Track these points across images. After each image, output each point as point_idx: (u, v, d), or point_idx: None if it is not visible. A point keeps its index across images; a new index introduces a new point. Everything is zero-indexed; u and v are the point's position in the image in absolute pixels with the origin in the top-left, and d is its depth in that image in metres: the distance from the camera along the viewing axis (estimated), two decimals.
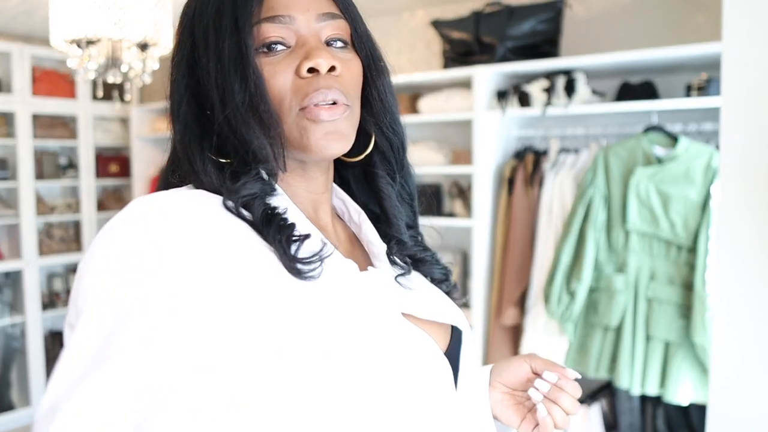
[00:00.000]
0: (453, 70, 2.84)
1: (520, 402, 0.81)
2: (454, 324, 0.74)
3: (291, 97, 0.65)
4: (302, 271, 0.60)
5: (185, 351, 0.52)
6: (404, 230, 0.79)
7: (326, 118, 0.65)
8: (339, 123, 0.66)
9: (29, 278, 4.00)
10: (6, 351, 4.08)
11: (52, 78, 4.11)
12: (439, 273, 0.81)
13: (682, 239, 2.24)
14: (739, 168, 1.61)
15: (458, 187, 3.15)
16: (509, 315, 2.64)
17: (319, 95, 0.64)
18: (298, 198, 0.71)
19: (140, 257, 0.55)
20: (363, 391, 0.58)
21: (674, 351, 2.24)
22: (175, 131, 0.69)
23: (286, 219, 0.63)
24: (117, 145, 4.53)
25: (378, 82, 0.73)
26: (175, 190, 0.65)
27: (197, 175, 0.66)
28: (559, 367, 0.78)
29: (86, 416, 0.49)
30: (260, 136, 0.63)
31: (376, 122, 0.74)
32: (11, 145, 3.93)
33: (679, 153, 2.25)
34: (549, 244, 2.55)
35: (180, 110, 0.68)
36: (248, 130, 0.63)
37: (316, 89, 0.64)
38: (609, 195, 2.38)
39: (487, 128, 2.74)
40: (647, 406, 2.58)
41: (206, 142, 0.66)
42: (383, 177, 0.78)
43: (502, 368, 0.82)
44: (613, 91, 2.66)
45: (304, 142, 0.65)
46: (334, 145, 0.66)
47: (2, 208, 3.99)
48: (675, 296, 2.25)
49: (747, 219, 1.60)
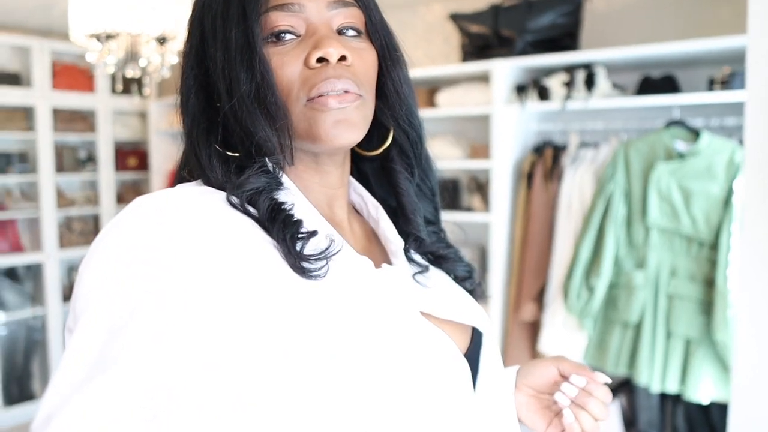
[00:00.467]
0: (471, 63, 2.82)
1: (546, 406, 0.78)
2: (474, 325, 0.71)
3: (299, 88, 0.62)
4: (307, 269, 0.58)
5: (197, 349, 0.49)
6: (422, 227, 0.76)
7: (335, 106, 0.62)
8: (349, 111, 0.63)
9: (50, 271, 4.04)
10: (27, 342, 4.14)
11: (71, 72, 4.14)
12: (462, 270, 0.79)
13: (704, 235, 2.21)
14: (763, 163, 1.58)
15: (476, 182, 3.13)
16: (527, 310, 2.63)
17: (328, 85, 0.62)
18: (312, 193, 0.68)
19: (145, 252, 0.53)
20: (373, 391, 0.55)
21: (695, 348, 2.22)
22: (184, 124, 0.67)
23: (291, 215, 0.61)
24: (135, 139, 4.56)
25: (393, 72, 0.70)
26: (179, 187, 0.63)
27: (203, 170, 0.64)
28: (587, 371, 0.75)
29: (90, 418, 0.45)
30: (266, 127, 0.61)
31: (392, 114, 0.71)
32: (31, 139, 3.97)
33: (701, 148, 2.22)
34: (568, 239, 2.53)
35: (189, 102, 0.66)
36: (254, 121, 0.61)
37: (324, 79, 0.62)
38: (629, 190, 2.35)
39: (505, 122, 2.71)
40: (667, 404, 2.56)
41: (213, 136, 0.64)
42: (401, 172, 0.75)
43: (528, 370, 0.79)
44: (633, 85, 2.63)
45: (314, 132, 0.63)
46: (344, 134, 0.63)
47: (23, 201, 4.04)
48: (696, 293, 2.22)
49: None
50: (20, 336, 4.11)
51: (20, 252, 4.00)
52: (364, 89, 0.65)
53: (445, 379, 0.62)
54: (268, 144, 0.62)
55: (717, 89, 2.28)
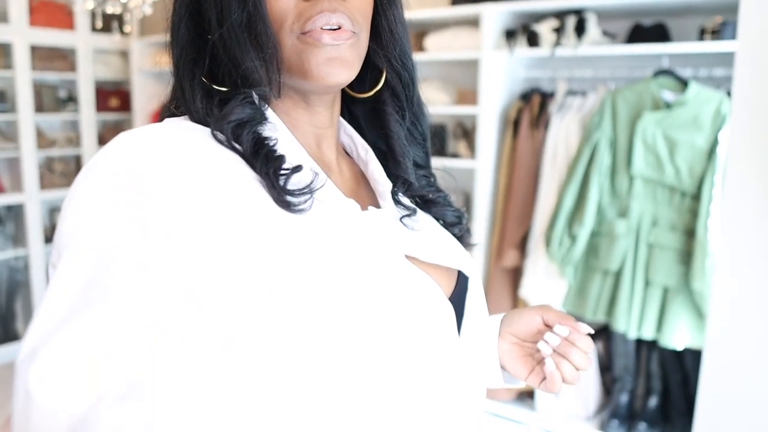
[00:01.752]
0: (461, 7, 2.77)
1: (529, 354, 0.79)
2: (460, 269, 0.71)
3: (293, 20, 0.60)
4: (291, 203, 0.57)
5: (184, 281, 0.49)
6: (411, 170, 0.75)
7: (329, 42, 0.61)
8: (343, 49, 0.62)
9: (31, 212, 4.01)
10: (10, 283, 4.13)
11: (49, 8, 4.01)
12: (451, 216, 0.78)
13: (687, 186, 2.22)
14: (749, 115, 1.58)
15: (462, 128, 3.11)
16: (509, 257, 2.65)
17: (323, 18, 0.60)
18: (300, 131, 0.67)
19: (128, 179, 0.52)
20: (356, 334, 0.54)
21: (672, 296, 2.26)
22: (172, 56, 0.65)
23: (274, 150, 0.60)
24: (117, 78, 4.47)
25: (389, 12, 0.68)
26: (163, 122, 0.62)
27: (186, 104, 0.63)
28: (571, 321, 0.76)
29: (77, 350, 0.44)
30: (254, 57, 0.60)
31: (385, 55, 0.69)
32: (9, 77, 3.87)
33: (688, 98, 2.22)
34: (552, 187, 2.54)
35: (179, 32, 0.64)
36: (242, 50, 0.60)
37: (320, 12, 0.60)
38: (615, 139, 2.36)
39: (493, 68, 2.69)
40: (642, 350, 2.62)
41: (199, 67, 0.63)
42: (392, 114, 0.74)
43: (513, 318, 0.80)
44: (624, 33, 2.60)
45: (305, 67, 0.61)
46: (336, 71, 0.62)
47: (2, 141, 3.97)
48: (676, 242, 2.25)
49: (755, 167, 1.59)
50: (2, 277, 4.11)
51: (1, 193, 3.96)
52: (358, 26, 0.63)
53: (429, 323, 0.62)
54: (255, 75, 0.60)
55: (708, 39, 2.26)
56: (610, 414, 2.62)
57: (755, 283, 1.61)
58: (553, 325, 0.76)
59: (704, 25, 2.30)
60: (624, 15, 2.64)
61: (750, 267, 1.61)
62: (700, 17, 2.47)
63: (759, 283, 1.60)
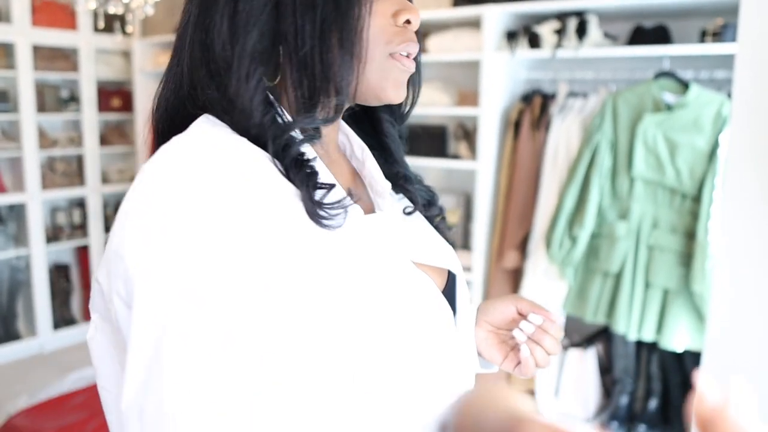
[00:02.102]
0: (462, 8, 2.77)
1: (503, 341, 0.84)
2: (450, 268, 0.77)
3: (387, 41, 0.65)
4: (325, 217, 0.61)
5: (254, 316, 0.56)
6: (408, 167, 0.81)
7: (408, 67, 0.68)
8: (407, 75, 0.69)
9: (33, 212, 4.01)
10: (11, 283, 4.14)
11: (52, 8, 4.02)
12: (426, 195, 0.83)
13: (687, 188, 2.23)
14: (750, 117, 1.59)
15: (463, 129, 3.12)
16: (510, 258, 2.65)
17: (413, 47, 0.67)
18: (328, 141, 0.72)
19: (199, 216, 0.55)
20: (379, 335, 0.61)
21: (672, 298, 2.26)
22: (230, 60, 0.63)
23: (313, 167, 0.63)
24: (119, 79, 4.47)
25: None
26: (216, 136, 0.63)
27: (236, 110, 0.63)
28: (543, 310, 0.81)
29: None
30: (353, 70, 0.63)
31: None
32: (11, 77, 3.88)
33: (689, 100, 2.22)
34: (553, 188, 2.54)
35: (245, 39, 0.62)
36: (341, 62, 0.62)
37: (412, 40, 0.67)
38: (616, 141, 2.36)
39: (495, 70, 2.69)
40: (642, 352, 2.63)
41: (266, 77, 0.64)
42: (388, 120, 0.80)
43: (488, 308, 0.85)
44: (626, 35, 2.60)
45: (383, 84, 0.66)
46: (402, 92, 0.69)
47: (4, 140, 3.98)
48: (676, 244, 2.25)
49: (755, 169, 1.59)
50: (4, 276, 4.11)
51: (2, 192, 3.97)
52: None
53: (435, 320, 0.69)
54: (349, 86, 0.63)
55: (708, 41, 2.26)
56: (610, 416, 2.62)
57: (755, 284, 1.61)
58: (526, 314, 0.81)
59: (705, 28, 2.30)
60: (625, 17, 2.65)
61: (750, 269, 1.62)
62: (701, 19, 2.47)
63: (759, 284, 1.60)
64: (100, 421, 2.68)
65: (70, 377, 3.13)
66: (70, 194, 4.28)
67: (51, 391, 2.98)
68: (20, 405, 2.87)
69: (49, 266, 4.25)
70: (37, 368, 3.99)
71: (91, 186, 4.34)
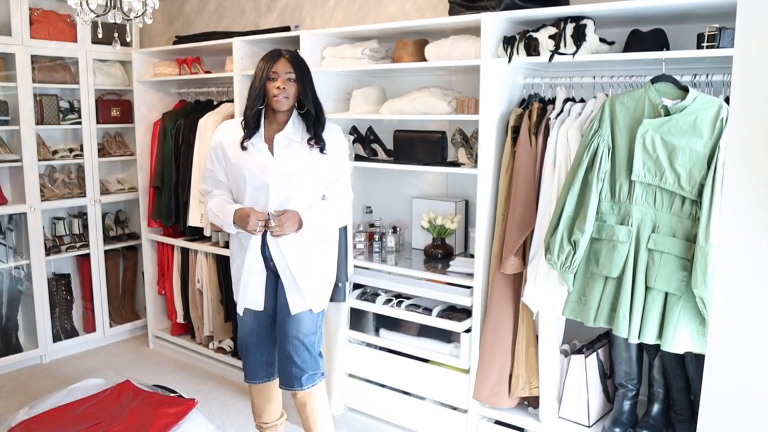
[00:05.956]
0: (460, 16, 2.78)
1: None
2: (268, 171, 2.63)
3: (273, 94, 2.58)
4: (243, 144, 2.60)
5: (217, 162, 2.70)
6: (320, 129, 2.66)
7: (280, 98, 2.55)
8: (281, 99, 2.54)
9: (33, 222, 4.01)
10: (11, 294, 4.13)
11: (51, 19, 4.04)
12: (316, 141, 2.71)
13: (687, 191, 2.23)
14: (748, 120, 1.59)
15: (462, 135, 3.12)
16: (511, 264, 2.65)
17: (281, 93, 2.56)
18: (269, 124, 2.64)
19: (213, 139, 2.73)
20: (241, 175, 2.60)
21: (674, 302, 2.26)
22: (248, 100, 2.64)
23: (252, 128, 2.61)
24: (118, 88, 4.48)
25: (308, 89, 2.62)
26: (233, 120, 2.78)
27: (245, 111, 2.61)
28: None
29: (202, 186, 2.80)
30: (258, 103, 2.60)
31: (306, 99, 2.59)
32: (11, 88, 3.89)
33: (687, 104, 2.22)
34: (552, 193, 2.54)
35: (250, 95, 2.60)
36: (257, 98, 2.59)
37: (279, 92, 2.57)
38: (614, 145, 2.36)
39: (493, 76, 2.70)
40: (644, 356, 2.62)
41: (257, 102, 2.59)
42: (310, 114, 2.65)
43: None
44: (622, 40, 2.61)
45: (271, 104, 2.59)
46: (281, 106, 2.57)
47: (4, 151, 3.98)
48: (677, 248, 2.25)
49: (753, 172, 1.59)
50: (4, 287, 4.10)
51: (3, 204, 3.96)
52: (290, 95, 2.58)
53: (261, 174, 2.60)
54: (259, 105, 2.62)
55: (705, 45, 2.26)
56: (612, 421, 2.61)
57: (756, 287, 1.61)
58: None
59: (702, 32, 2.30)
60: (622, 22, 2.66)
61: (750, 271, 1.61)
62: (698, 24, 2.47)
63: (760, 287, 1.60)
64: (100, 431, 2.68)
65: (70, 388, 3.13)
66: (70, 204, 4.28)
67: (51, 402, 2.97)
68: (21, 416, 2.86)
69: (49, 276, 4.25)
70: (38, 379, 3.98)
71: (91, 196, 4.34)
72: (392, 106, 3.12)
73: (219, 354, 4.04)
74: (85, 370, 4.10)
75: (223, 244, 3.92)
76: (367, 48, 3.17)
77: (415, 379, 3.08)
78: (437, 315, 2.96)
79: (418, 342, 3.07)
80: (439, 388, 3.00)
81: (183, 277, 4.28)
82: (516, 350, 2.76)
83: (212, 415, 3.40)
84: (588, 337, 2.86)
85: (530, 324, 2.72)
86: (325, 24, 3.86)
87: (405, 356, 3.11)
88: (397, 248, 3.40)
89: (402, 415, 3.15)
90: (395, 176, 3.52)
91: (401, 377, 3.13)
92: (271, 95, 2.50)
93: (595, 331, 2.84)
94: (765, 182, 1.59)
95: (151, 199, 4.32)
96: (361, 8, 3.69)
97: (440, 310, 2.98)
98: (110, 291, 4.58)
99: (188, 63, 4.06)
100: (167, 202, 4.12)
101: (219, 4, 4.42)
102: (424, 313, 2.99)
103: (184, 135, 3.98)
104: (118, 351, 4.49)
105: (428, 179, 3.49)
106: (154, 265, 4.50)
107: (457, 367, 2.94)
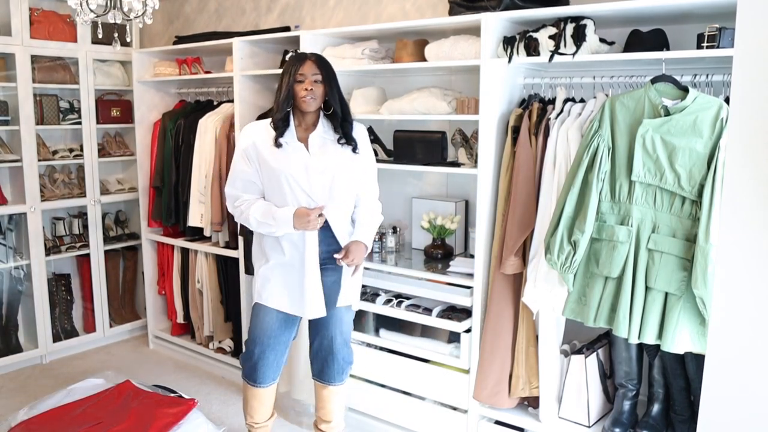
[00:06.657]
0: (460, 16, 2.78)
1: None
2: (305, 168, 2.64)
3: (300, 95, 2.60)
4: (277, 142, 2.59)
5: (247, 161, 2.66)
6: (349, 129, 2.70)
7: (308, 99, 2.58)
8: (309, 101, 2.57)
9: (33, 222, 4.01)
10: (11, 294, 4.13)
11: (51, 19, 4.03)
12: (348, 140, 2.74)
13: (687, 191, 2.23)
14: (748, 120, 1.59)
15: (462, 135, 3.12)
16: (511, 264, 2.65)
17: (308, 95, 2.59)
18: (299, 123, 2.67)
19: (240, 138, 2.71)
20: (277, 177, 2.58)
21: (674, 302, 2.26)
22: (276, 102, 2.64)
23: (283, 129, 2.61)
24: (118, 89, 4.48)
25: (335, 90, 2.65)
26: (260, 121, 2.75)
27: (273, 114, 2.62)
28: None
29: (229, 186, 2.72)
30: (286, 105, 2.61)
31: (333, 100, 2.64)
32: (11, 88, 3.89)
33: (687, 104, 2.22)
34: (552, 193, 2.54)
35: (278, 94, 2.61)
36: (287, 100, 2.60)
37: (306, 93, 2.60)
38: (614, 145, 2.36)
39: (493, 76, 2.70)
40: (644, 357, 2.62)
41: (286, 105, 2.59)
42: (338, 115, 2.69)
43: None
44: (622, 40, 2.61)
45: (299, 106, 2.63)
46: (309, 107, 2.60)
47: (4, 152, 3.98)
48: (677, 248, 2.25)
49: (754, 172, 1.59)
50: (4, 287, 4.10)
51: (3, 204, 3.96)
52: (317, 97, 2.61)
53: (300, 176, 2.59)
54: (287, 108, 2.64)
55: (705, 45, 2.26)
56: (612, 421, 2.61)
57: (756, 287, 1.61)
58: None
59: (702, 32, 2.30)
60: (622, 22, 2.65)
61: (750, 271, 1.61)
62: (698, 24, 2.47)
63: (760, 287, 1.60)
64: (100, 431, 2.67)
65: (70, 388, 3.13)
66: (70, 204, 4.28)
67: (51, 402, 2.97)
68: (21, 416, 2.86)
69: (49, 276, 4.25)
70: (38, 379, 3.98)
71: (91, 196, 4.34)
72: (392, 106, 3.12)
73: (219, 354, 4.04)
74: (85, 370, 4.10)
75: (223, 244, 3.92)
76: (367, 48, 3.18)
77: (415, 380, 3.08)
78: (437, 315, 2.96)
79: (418, 342, 3.07)
80: (439, 388, 3.00)
81: (183, 278, 4.28)
82: (516, 350, 2.76)
83: (212, 415, 3.40)
84: (588, 337, 2.86)
85: (530, 324, 2.72)
86: (325, 24, 3.86)
87: (405, 356, 3.11)
88: (397, 248, 3.40)
89: (402, 415, 3.15)
90: (395, 176, 3.52)
91: (401, 377, 3.13)
92: (299, 97, 2.53)
93: (595, 331, 2.84)
94: (765, 182, 1.59)
95: (151, 199, 4.33)
96: (361, 8, 3.70)
97: (440, 311, 2.98)
98: (110, 291, 4.58)
99: (188, 63, 4.06)
100: (167, 202, 4.12)
101: (219, 4, 4.42)
102: (424, 313, 2.99)
103: (184, 135, 3.98)
104: (118, 351, 4.49)
105: (428, 179, 3.49)
106: (154, 265, 4.50)
107: (457, 367, 2.94)
